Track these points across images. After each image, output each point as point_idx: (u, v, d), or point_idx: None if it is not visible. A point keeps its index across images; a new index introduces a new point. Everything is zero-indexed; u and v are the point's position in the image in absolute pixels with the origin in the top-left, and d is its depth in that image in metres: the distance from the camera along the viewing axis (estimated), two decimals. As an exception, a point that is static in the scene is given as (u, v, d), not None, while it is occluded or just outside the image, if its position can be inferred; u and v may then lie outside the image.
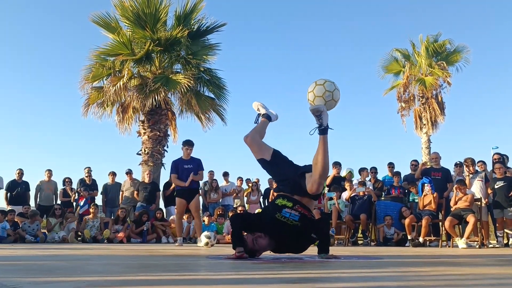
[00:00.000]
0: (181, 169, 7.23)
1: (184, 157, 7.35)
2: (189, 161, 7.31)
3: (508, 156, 8.91)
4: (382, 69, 16.20)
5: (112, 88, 10.96)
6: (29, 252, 4.78)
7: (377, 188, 9.53)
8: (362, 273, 2.35)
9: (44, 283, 1.81)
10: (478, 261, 3.84)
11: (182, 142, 7.48)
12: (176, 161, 7.38)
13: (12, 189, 10.09)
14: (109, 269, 2.55)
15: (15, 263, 3.22)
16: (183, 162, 7.31)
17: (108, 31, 11.67)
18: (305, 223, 3.28)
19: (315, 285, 1.73)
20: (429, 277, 2.14)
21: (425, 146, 15.15)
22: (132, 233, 9.49)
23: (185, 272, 2.43)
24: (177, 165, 7.30)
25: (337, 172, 9.71)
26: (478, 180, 8.42)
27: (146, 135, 11.70)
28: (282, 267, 2.70)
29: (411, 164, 9.85)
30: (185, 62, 11.87)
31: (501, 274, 2.35)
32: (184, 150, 7.33)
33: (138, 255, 4.35)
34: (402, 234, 8.50)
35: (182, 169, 7.23)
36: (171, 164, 7.40)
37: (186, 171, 7.19)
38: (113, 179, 10.86)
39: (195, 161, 7.35)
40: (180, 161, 7.34)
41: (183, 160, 7.35)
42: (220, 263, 3.05)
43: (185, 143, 7.38)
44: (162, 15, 11.50)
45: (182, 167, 7.24)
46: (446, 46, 15.42)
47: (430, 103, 15.09)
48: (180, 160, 7.37)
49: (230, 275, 2.26)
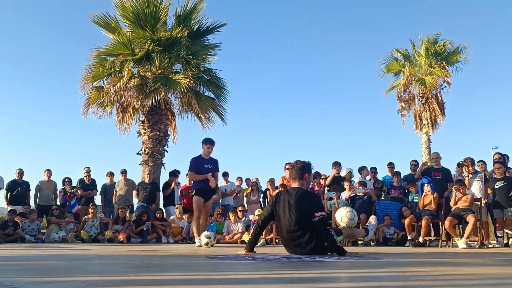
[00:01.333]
0: (201, 168, 6.91)
1: (204, 156, 6.99)
2: (209, 160, 6.99)
3: (509, 156, 8.91)
4: (382, 69, 16.21)
5: (112, 88, 10.96)
6: (29, 252, 4.78)
7: (377, 188, 9.53)
8: (362, 273, 2.35)
9: (44, 283, 1.81)
10: (478, 261, 3.84)
11: (203, 140, 7.06)
12: (196, 159, 6.99)
13: (12, 189, 10.09)
14: (109, 269, 2.55)
15: (15, 263, 3.22)
16: (204, 161, 6.96)
17: (108, 31, 11.67)
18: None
19: (315, 285, 1.73)
20: (429, 277, 2.14)
21: (425, 146, 15.15)
22: (132, 233, 9.49)
23: (185, 272, 2.43)
24: (197, 163, 6.94)
25: (337, 172, 9.71)
26: (477, 180, 8.41)
27: (146, 135, 11.70)
28: (282, 267, 2.71)
29: (411, 164, 9.87)
30: (185, 62, 11.86)
31: (501, 274, 2.35)
32: (205, 148, 6.97)
33: (138, 255, 4.35)
34: (402, 234, 8.50)
35: (202, 168, 6.91)
36: (191, 162, 6.97)
37: (206, 170, 6.87)
38: (111, 179, 10.86)
39: (214, 161, 7.05)
40: (200, 160, 6.98)
41: (203, 159, 6.98)
42: (220, 263, 3.05)
43: (207, 141, 7.01)
44: (162, 15, 11.50)
45: (203, 166, 6.91)
46: (447, 47, 15.42)
47: (430, 103, 15.08)
48: (200, 158, 7.00)
49: (230, 275, 2.26)
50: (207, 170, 6.87)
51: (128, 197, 10.57)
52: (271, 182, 10.18)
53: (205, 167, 6.89)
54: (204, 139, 7.08)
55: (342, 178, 9.65)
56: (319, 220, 3.91)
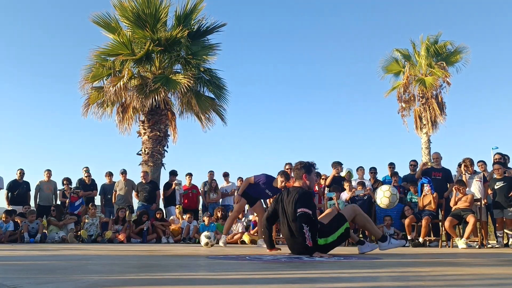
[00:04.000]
0: (261, 190, 6.76)
1: (275, 184, 6.59)
2: (274, 190, 6.63)
3: (509, 156, 8.91)
4: (382, 69, 16.21)
5: (112, 88, 10.96)
6: (29, 252, 4.78)
7: (376, 188, 9.52)
8: (362, 273, 2.36)
9: (44, 283, 1.81)
10: (477, 261, 3.84)
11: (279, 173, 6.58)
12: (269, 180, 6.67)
13: (13, 189, 10.09)
14: (109, 269, 2.55)
15: (15, 263, 3.22)
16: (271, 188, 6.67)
17: (108, 31, 11.67)
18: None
19: (315, 285, 1.73)
20: (429, 277, 2.14)
21: (425, 146, 15.14)
22: (132, 233, 9.49)
23: (185, 272, 2.43)
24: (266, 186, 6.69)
25: (337, 172, 9.71)
26: (476, 180, 8.41)
27: (146, 135, 11.70)
28: (282, 267, 2.71)
29: (410, 165, 9.88)
30: (185, 62, 11.87)
31: (501, 274, 2.35)
32: (279, 182, 6.48)
33: (138, 255, 4.35)
34: (401, 234, 8.50)
35: (262, 191, 6.76)
36: (265, 176, 6.70)
37: (264, 194, 6.82)
38: (110, 179, 10.85)
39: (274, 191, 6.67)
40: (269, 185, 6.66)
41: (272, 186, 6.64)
42: (220, 263, 3.05)
43: (283, 175, 6.51)
44: (162, 15, 11.50)
45: (264, 190, 6.73)
46: (447, 47, 15.42)
47: (430, 103, 15.08)
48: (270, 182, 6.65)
49: (230, 275, 2.26)
50: (266, 195, 6.88)
51: (128, 197, 10.56)
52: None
53: (265, 192, 6.80)
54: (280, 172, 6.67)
55: (342, 178, 9.65)
56: (299, 215, 3.99)
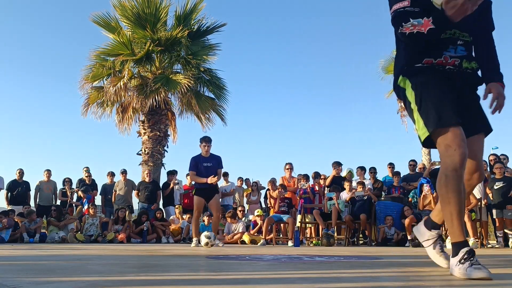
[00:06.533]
0: (200, 167, 6.86)
1: (203, 155, 6.94)
2: (209, 158, 6.91)
3: (508, 156, 8.92)
4: (382, 70, 16.20)
5: (112, 88, 10.97)
6: (29, 252, 4.78)
7: (377, 188, 9.53)
8: (362, 273, 2.35)
9: (44, 283, 1.81)
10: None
11: (200, 139, 7.01)
12: (195, 158, 6.94)
13: (12, 189, 10.10)
14: (109, 269, 2.55)
15: (15, 263, 3.22)
16: (203, 160, 6.90)
17: (108, 31, 11.68)
18: None
19: (315, 285, 1.73)
20: (429, 277, 2.14)
21: (425, 146, 15.14)
22: (132, 233, 9.49)
23: (185, 272, 2.43)
24: (196, 162, 6.90)
25: (337, 172, 9.72)
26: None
27: (146, 135, 11.71)
28: (282, 267, 2.71)
29: (410, 165, 9.90)
30: (185, 62, 11.87)
31: (501, 274, 2.35)
32: (202, 147, 6.92)
33: (138, 255, 4.34)
34: (402, 234, 8.50)
35: (201, 167, 6.85)
36: (191, 161, 6.95)
37: (205, 169, 6.81)
38: (112, 179, 10.87)
39: (215, 158, 6.96)
40: (199, 159, 6.93)
41: (202, 157, 6.93)
42: (220, 263, 3.05)
43: (203, 140, 6.94)
44: (162, 15, 11.51)
45: (202, 165, 6.85)
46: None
47: (430, 103, 15.07)
48: (199, 157, 6.95)
49: (230, 275, 2.26)
50: (206, 169, 6.83)
51: (128, 197, 10.57)
52: (272, 183, 10.18)
53: (204, 166, 6.84)
54: (200, 138, 7.03)
55: (342, 178, 9.66)
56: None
